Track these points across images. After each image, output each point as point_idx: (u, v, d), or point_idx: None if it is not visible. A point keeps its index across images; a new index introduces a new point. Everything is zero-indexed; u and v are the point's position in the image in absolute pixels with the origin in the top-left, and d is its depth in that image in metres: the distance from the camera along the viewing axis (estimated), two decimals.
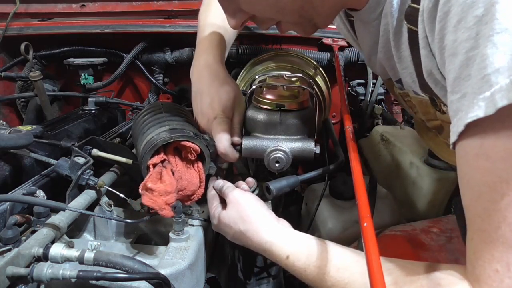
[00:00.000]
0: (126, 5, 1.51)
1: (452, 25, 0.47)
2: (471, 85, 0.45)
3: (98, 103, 1.35)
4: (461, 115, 0.46)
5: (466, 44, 0.45)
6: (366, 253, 0.49)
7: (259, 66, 1.22)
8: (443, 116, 0.66)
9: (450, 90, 0.49)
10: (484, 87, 0.43)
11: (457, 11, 0.46)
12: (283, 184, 0.81)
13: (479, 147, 0.46)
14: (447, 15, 0.47)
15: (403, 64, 0.65)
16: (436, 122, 0.70)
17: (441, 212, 1.02)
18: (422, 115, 0.72)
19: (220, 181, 0.84)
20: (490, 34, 0.42)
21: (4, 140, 0.80)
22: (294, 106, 0.87)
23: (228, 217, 0.76)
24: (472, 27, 0.44)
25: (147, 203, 0.73)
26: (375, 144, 1.32)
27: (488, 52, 0.43)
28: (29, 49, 1.40)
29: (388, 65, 0.73)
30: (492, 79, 0.42)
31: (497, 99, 0.42)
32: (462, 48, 0.46)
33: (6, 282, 0.57)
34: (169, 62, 1.52)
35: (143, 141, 0.81)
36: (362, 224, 0.53)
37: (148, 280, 0.62)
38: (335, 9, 0.70)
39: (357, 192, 0.60)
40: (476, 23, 0.44)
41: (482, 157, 0.46)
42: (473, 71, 0.44)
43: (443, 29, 0.49)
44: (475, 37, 0.44)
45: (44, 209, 0.70)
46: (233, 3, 0.68)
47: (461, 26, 0.45)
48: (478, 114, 0.43)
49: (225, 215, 0.77)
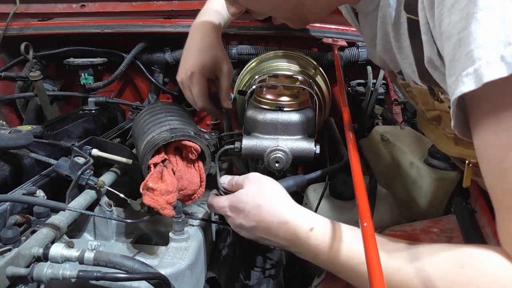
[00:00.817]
0: (126, 5, 1.51)
1: (447, 9, 0.47)
2: (459, 64, 0.45)
3: (98, 103, 1.35)
4: (451, 92, 0.46)
5: (458, 26, 0.45)
6: (366, 253, 0.49)
7: (260, 66, 1.22)
8: (440, 106, 0.66)
9: (447, 73, 0.49)
10: (467, 63, 0.43)
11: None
12: (290, 183, 0.80)
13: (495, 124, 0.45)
14: (443, 0, 0.48)
15: (403, 55, 0.65)
16: (434, 112, 0.70)
17: (441, 212, 1.02)
18: (422, 105, 0.72)
19: (227, 176, 0.81)
20: (475, 11, 0.43)
21: (4, 140, 0.80)
22: (294, 106, 0.87)
23: (246, 193, 0.71)
24: (463, 9, 0.45)
25: (149, 202, 0.73)
26: (375, 144, 1.32)
27: (472, 29, 0.43)
28: (29, 49, 1.40)
29: (387, 57, 0.74)
30: (475, 54, 0.42)
31: (482, 73, 0.42)
32: (455, 30, 0.46)
33: (6, 282, 0.57)
34: (169, 62, 1.51)
35: (143, 141, 0.81)
36: (362, 224, 0.53)
37: (148, 280, 0.62)
38: (328, 7, 0.72)
39: (357, 192, 0.60)
40: (467, 3, 0.44)
41: (502, 133, 0.45)
42: (462, 51, 0.45)
43: (440, 14, 0.49)
44: (466, 18, 0.44)
45: (44, 209, 0.70)
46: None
47: (454, 8, 0.46)
48: (462, 89, 0.43)
49: (241, 192, 0.72)
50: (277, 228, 0.67)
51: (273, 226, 0.67)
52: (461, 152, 0.69)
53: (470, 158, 0.68)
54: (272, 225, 0.67)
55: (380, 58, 0.77)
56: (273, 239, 0.69)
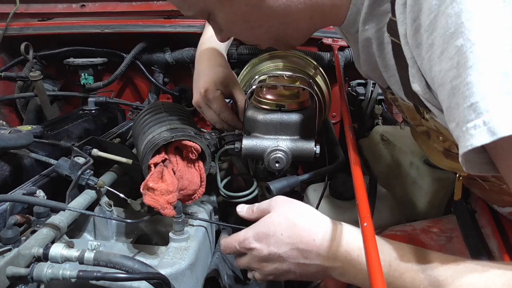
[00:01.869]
0: (126, 5, 1.51)
1: (436, 56, 0.47)
2: (460, 114, 0.45)
3: (98, 103, 1.35)
4: (461, 145, 0.46)
5: (449, 74, 0.46)
6: (366, 253, 0.49)
7: (259, 66, 1.22)
8: (427, 123, 0.66)
9: (446, 119, 0.49)
10: (472, 115, 0.43)
11: (439, 42, 0.46)
12: (283, 184, 0.81)
13: None
14: (432, 47, 0.48)
15: (389, 73, 0.66)
16: (422, 127, 0.70)
17: (441, 212, 1.02)
18: (411, 120, 0.73)
19: (244, 205, 0.72)
20: (466, 61, 0.43)
21: (4, 140, 0.80)
22: (294, 106, 0.87)
23: (277, 215, 0.63)
24: (452, 57, 0.45)
25: (149, 202, 0.73)
26: (375, 144, 1.32)
27: (470, 79, 0.43)
28: (29, 49, 1.40)
29: (374, 76, 0.75)
30: (481, 106, 0.42)
31: (496, 126, 0.42)
32: (447, 77, 0.46)
33: (6, 282, 0.57)
34: (169, 62, 1.52)
35: (144, 141, 0.81)
36: (362, 224, 0.53)
37: (148, 280, 0.62)
38: (309, 32, 0.74)
39: (357, 192, 0.60)
40: (456, 52, 0.44)
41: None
42: (459, 99, 0.45)
43: (430, 60, 0.49)
44: (457, 66, 0.44)
45: (44, 209, 0.70)
46: (217, 25, 0.74)
47: (444, 56, 0.46)
48: (473, 143, 0.43)
49: (270, 216, 0.64)
50: (319, 247, 0.60)
51: (315, 245, 0.60)
52: (452, 166, 0.70)
53: (460, 172, 0.69)
54: (313, 244, 0.60)
55: (367, 75, 0.79)
56: (313, 261, 0.61)
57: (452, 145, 0.64)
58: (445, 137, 0.64)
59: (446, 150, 0.68)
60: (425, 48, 0.50)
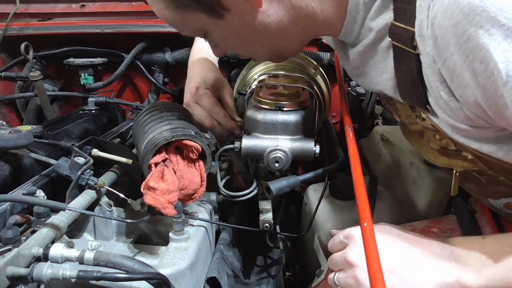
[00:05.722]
0: (126, 5, 1.51)
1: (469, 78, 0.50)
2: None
3: (98, 103, 1.35)
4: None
5: None
6: (366, 253, 0.49)
7: (259, 66, 1.22)
8: (423, 123, 0.66)
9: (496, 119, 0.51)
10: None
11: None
12: (283, 184, 0.81)
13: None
14: (454, 72, 0.51)
15: (386, 75, 0.66)
16: (417, 126, 0.71)
17: (441, 212, 1.02)
18: (405, 118, 0.73)
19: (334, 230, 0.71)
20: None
21: (4, 140, 0.80)
22: (294, 106, 0.87)
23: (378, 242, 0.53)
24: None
25: (150, 202, 0.73)
26: (375, 144, 1.32)
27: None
28: (29, 49, 1.40)
29: (361, 81, 0.76)
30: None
31: None
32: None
33: (6, 282, 0.57)
34: (169, 62, 1.51)
35: (144, 141, 0.81)
36: (362, 224, 0.53)
37: (148, 280, 0.62)
38: (303, 43, 0.76)
39: (357, 192, 0.60)
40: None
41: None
42: None
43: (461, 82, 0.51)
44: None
45: (44, 209, 0.70)
46: (213, 40, 0.77)
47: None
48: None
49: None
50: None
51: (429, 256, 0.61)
52: (447, 162, 0.70)
53: (456, 168, 0.69)
54: (432, 254, 0.61)
55: (355, 79, 0.80)
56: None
57: (449, 142, 0.65)
58: (442, 135, 0.65)
59: (442, 148, 0.68)
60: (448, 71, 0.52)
